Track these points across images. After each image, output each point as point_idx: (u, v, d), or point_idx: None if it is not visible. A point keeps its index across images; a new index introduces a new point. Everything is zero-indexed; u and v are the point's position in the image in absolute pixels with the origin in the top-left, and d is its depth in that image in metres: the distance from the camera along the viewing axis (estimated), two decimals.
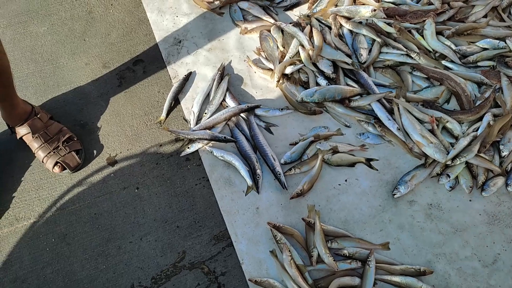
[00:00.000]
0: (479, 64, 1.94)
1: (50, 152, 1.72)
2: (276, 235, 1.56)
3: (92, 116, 1.90)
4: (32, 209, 1.68)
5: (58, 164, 1.71)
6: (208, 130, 1.81)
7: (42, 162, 1.73)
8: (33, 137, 1.73)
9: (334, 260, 1.50)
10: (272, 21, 2.16)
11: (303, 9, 2.23)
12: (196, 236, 1.63)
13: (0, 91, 1.59)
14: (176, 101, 1.94)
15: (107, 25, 2.19)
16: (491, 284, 1.51)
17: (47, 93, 1.96)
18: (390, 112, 1.82)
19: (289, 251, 1.52)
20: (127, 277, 1.55)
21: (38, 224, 1.65)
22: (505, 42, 1.95)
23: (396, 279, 1.50)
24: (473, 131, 1.75)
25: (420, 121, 1.80)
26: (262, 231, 1.62)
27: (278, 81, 1.92)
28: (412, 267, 1.52)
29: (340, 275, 1.51)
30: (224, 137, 1.78)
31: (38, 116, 1.76)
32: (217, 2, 2.24)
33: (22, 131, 1.73)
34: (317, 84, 1.92)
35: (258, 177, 1.70)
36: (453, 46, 1.98)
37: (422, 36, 2.02)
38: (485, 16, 2.06)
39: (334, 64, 1.95)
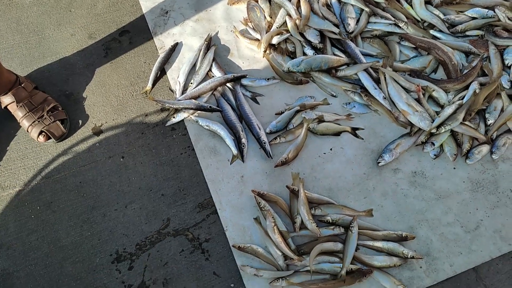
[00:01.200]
0: (467, 33, 1.92)
1: (34, 121, 1.72)
2: (260, 202, 1.57)
3: (78, 86, 1.89)
4: (18, 177, 1.68)
5: (43, 133, 1.71)
6: (193, 100, 1.80)
7: (27, 131, 1.73)
8: (17, 106, 1.72)
9: (317, 226, 1.51)
10: None
11: None
12: (180, 204, 1.64)
13: None
14: (162, 72, 1.92)
15: None
16: (472, 249, 1.53)
17: (32, 63, 1.95)
18: (377, 81, 1.81)
19: (273, 217, 1.53)
20: (111, 243, 1.56)
21: (23, 192, 1.65)
22: (494, 11, 1.93)
23: (378, 244, 1.52)
24: (459, 100, 1.75)
25: (407, 90, 1.79)
26: (247, 199, 1.63)
27: (264, 51, 1.91)
28: (394, 232, 1.53)
29: (322, 241, 1.52)
30: (210, 107, 1.78)
31: (22, 85, 1.75)
32: None
33: (7, 100, 1.72)
34: (304, 54, 1.90)
35: (243, 146, 1.70)
36: (441, 16, 1.96)
37: (411, 5, 2.00)
38: None
39: (321, 34, 1.94)
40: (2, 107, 1.74)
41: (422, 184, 1.64)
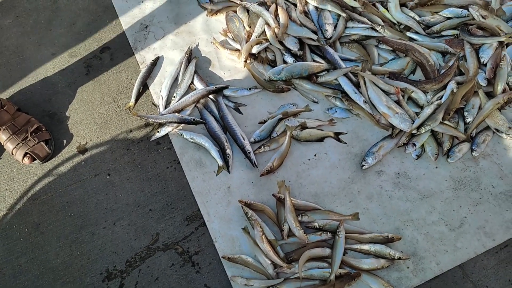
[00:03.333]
0: (443, 33, 1.96)
1: (18, 143, 1.72)
2: (247, 212, 1.59)
3: (61, 105, 1.90)
4: (4, 200, 1.68)
5: (28, 155, 1.71)
6: (177, 113, 1.82)
7: (12, 154, 1.73)
8: (0, 130, 1.72)
9: (304, 233, 1.53)
10: (238, 1, 2.14)
11: None
12: (169, 218, 1.64)
13: None
14: (144, 87, 1.93)
15: (72, 14, 2.17)
16: (458, 246, 1.55)
17: (14, 85, 1.95)
18: (357, 85, 1.84)
19: (261, 226, 1.55)
20: (101, 262, 1.57)
21: (10, 215, 1.65)
22: (468, 10, 1.97)
23: (365, 247, 1.54)
24: (437, 100, 1.78)
25: (387, 93, 1.82)
26: (234, 209, 1.64)
27: (245, 61, 1.93)
28: (381, 234, 1.55)
29: (310, 247, 1.54)
30: (193, 119, 1.79)
31: (4, 108, 1.75)
32: None
33: None
34: (284, 62, 1.92)
35: (228, 156, 1.72)
36: (416, 17, 1.99)
37: (387, 9, 2.03)
38: None
39: (300, 41, 1.96)
40: None
41: (406, 184, 1.67)
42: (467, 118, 1.75)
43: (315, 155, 1.75)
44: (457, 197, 1.64)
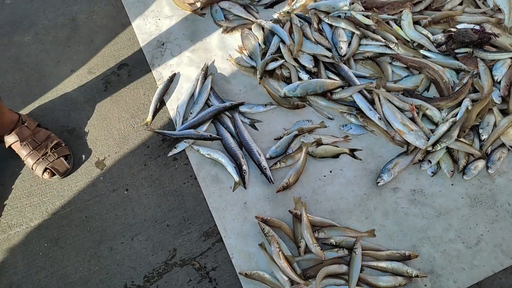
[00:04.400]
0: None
1: (39, 159, 1.75)
2: (264, 228, 1.60)
3: (80, 121, 1.93)
4: (24, 215, 1.71)
5: (48, 170, 1.74)
6: (193, 130, 1.84)
7: (32, 169, 1.76)
8: (21, 145, 1.75)
9: (321, 250, 1.54)
10: (253, 19, 2.19)
11: (283, 6, 2.27)
12: (186, 234, 1.66)
13: None
14: (161, 103, 1.97)
15: (90, 31, 2.22)
16: (475, 264, 1.55)
17: (34, 101, 1.99)
18: (371, 102, 1.86)
19: (277, 243, 1.56)
20: (120, 277, 1.58)
21: (30, 230, 1.68)
22: (480, 28, 1.98)
23: (382, 264, 1.54)
24: (452, 117, 1.79)
25: (401, 110, 1.83)
26: (251, 225, 1.65)
27: (260, 78, 1.95)
28: (398, 252, 1.56)
29: (327, 264, 1.54)
30: (210, 135, 1.81)
31: (25, 124, 1.78)
32: (198, 4, 2.26)
33: (11, 139, 1.75)
34: (299, 78, 1.95)
35: (244, 172, 1.74)
36: (430, 35, 2.01)
37: (400, 26, 2.06)
38: (461, 3, 2.10)
39: (315, 58, 1.99)
40: (6, 146, 1.77)
41: (422, 201, 1.68)
42: (482, 135, 1.76)
43: (330, 172, 1.76)
44: (473, 214, 1.65)
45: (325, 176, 1.75)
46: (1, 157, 1.82)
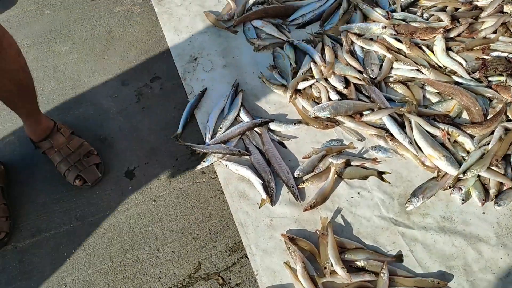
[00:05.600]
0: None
1: (71, 165, 1.78)
2: (290, 247, 1.59)
3: (111, 131, 1.97)
4: (53, 220, 1.74)
5: (79, 177, 1.78)
6: (223, 144, 1.86)
7: (64, 175, 1.79)
8: (55, 151, 1.79)
9: (347, 272, 1.52)
10: (285, 38, 2.22)
11: (315, 27, 2.29)
12: (211, 247, 1.66)
13: (26, 108, 1.67)
14: (192, 117, 1.99)
15: (126, 44, 2.28)
16: None
17: (68, 109, 2.04)
18: (402, 126, 1.85)
19: (303, 262, 1.55)
20: (144, 287, 1.59)
21: (59, 235, 1.70)
22: None
23: None
24: (485, 145, 1.77)
25: (432, 135, 1.82)
26: (276, 243, 1.65)
27: (291, 97, 1.97)
28: (426, 279, 1.52)
29: (353, 287, 1.52)
30: (239, 151, 1.83)
31: (60, 131, 1.83)
32: (231, 21, 2.31)
33: (45, 145, 1.80)
34: (329, 99, 1.96)
35: (272, 190, 1.74)
36: (463, 62, 2.00)
37: (433, 51, 2.06)
38: (495, 32, 2.09)
39: (346, 80, 2.00)
40: (41, 152, 1.81)
41: (452, 229, 1.65)
42: None
43: (358, 193, 1.75)
44: (504, 245, 1.61)
45: (352, 197, 1.74)
46: (35, 162, 1.87)
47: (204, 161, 1.84)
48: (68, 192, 1.81)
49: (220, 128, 1.92)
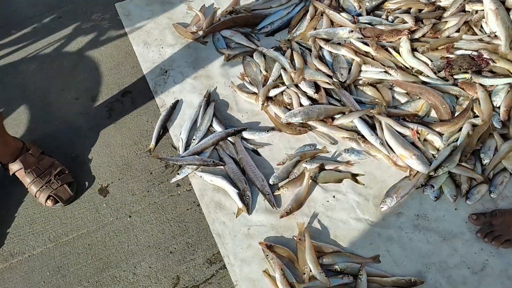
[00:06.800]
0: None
1: (42, 186, 1.75)
2: (268, 255, 1.59)
3: (83, 148, 1.94)
4: (27, 243, 1.70)
5: (51, 197, 1.74)
6: (197, 156, 1.85)
7: (35, 196, 1.76)
8: (25, 173, 1.76)
9: (326, 276, 1.52)
10: (254, 46, 2.23)
11: (284, 34, 2.32)
12: (189, 260, 1.65)
13: None
14: (164, 129, 1.98)
15: (95, 60, 2.26)
16: None
17: (38, 128, 2.01)
18: (373, 127, 1.87)
19: (282, 269, 1.55)
20: None
21: (32, 258, 1.66)
22: (477, 54, 2.02)
23: None
24: (454, 142, 1.81)
25: (402, 135, 1.85)
26: (254, 251, 1.64)
27: (262, 104, 1.98)
28: (403, 278, 1.54)
29: None
30: (213, 162, 1.82)
31: (29, 151, 1.80)
32: (200, 32, 2.31)
33: (15, 167, 1.76)
34: (301, 104, 1.97)
35: (247, 198, 1.74)
36: (429, 62, 2.05)
37: (399, 53, 2.10)
38: (458, 31, 2.14)
39: (316, 85, 2.02)
40: (11, 174, 1.78)
41: (426, 226, 1.67)
42: (483, 160, 1.77)
43: (333, 197, 1.76)
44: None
45: (328, 201, 1.75)
46: (5, 184, 1.83)
47: (178, 174, 1.83)
48: (40, 213, 1.77)
49: (194, 139, 1.92)
